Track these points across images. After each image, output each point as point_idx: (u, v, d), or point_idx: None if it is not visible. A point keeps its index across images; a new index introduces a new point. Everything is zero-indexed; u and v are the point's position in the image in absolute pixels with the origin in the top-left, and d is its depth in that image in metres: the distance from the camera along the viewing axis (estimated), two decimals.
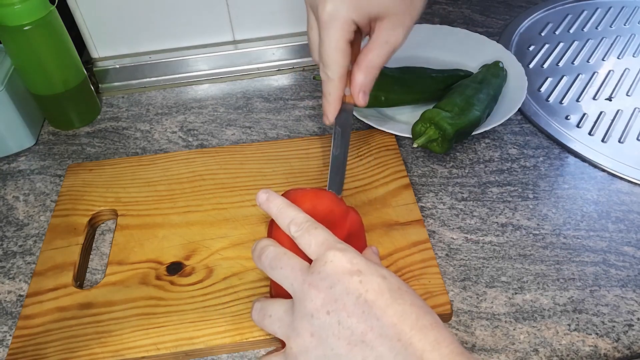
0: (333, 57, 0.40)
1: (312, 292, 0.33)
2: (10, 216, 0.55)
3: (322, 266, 0.33)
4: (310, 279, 0.33)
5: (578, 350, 0.42)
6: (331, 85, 0.42)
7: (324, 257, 0.34)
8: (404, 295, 0.33)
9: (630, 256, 0.49)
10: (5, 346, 0.45)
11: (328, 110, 0.44)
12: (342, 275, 0.33)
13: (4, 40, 0.57)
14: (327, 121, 0.44)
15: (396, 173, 0.55)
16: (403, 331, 0.31)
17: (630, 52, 0.74)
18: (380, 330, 0.31)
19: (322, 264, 0.33)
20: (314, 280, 0.33)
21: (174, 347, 0.42)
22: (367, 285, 0.32)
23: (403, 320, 0.31)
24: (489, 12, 0.81)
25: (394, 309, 0.32)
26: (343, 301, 0.32)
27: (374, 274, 0.33)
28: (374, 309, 0.31)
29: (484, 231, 0.51)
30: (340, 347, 0.31)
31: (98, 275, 0.49)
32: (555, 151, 0.59)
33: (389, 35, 0.41)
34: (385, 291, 0.32)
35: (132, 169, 0.57)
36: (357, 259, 0.33)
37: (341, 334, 0.31)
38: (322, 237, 0.35)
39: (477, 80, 0.61)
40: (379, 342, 0.31)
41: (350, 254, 0.34)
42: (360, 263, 0.33)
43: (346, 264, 0.33)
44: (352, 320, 0.31)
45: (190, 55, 0.70)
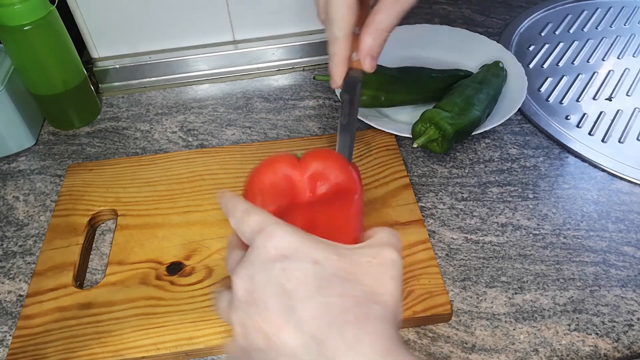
0: (339, 12, 0.38)
1: (237, 283, 0.30)
2: (10, 216, 0.55)
3: (250, 254, 0.31)
4: (237, 269, 0.31)
5: (578, 350, 0.42)
6: (336, 45, 0.40)
7: (253, 244, 0.31)
8: (335, 284, 0.29)
9: (630, 256, 0.49)
10: (5, 346, 0.45)
11: (334, 73, 0.41)
12: (265, 264, 0.30)
13: (4, 40, 0.57)
14: (334, 84, 0.42)
15: (396, 173, 0.55)
16: (319, 327, 0.28)
17: (630, 52, 0.74)
18: (296, 326, 0.28)
19: (250, 251, 0.31)
20: (240, 270, 0.31)
21: (174, 347, 0.42)
22: (290, 273, 0.29)
23: (321, 315, 0.28)
24: (489, 12, 0.81)
25: (315, 301, 0.28)
26: (262, 292, 0.29)
27: (303, 259, 0.30)
28: (293, 300, 0.28)
29: (484, 231, 0.51)
30: (259, 341, 0.29)
31: (98, 275, 0.49)
32: (555, 151, 0.59)
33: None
34: (309, 280, 0.29)
35: (132, 169, 0.57)
36: (284, 242, 0.30)
37: (260, 328, 0.29)
38: (254, 221, 0.32)
39: (477, 80, 0.61)
40: (292, 339, 0.28)
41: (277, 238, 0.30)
42: (288, 247, 0.30)
43: (270, 250, 0.30)
44: (269, 314, 0.29)
45: (190, 55, 0.70)
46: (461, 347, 0.43)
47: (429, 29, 0.74)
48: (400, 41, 0.71)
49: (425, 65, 0.65)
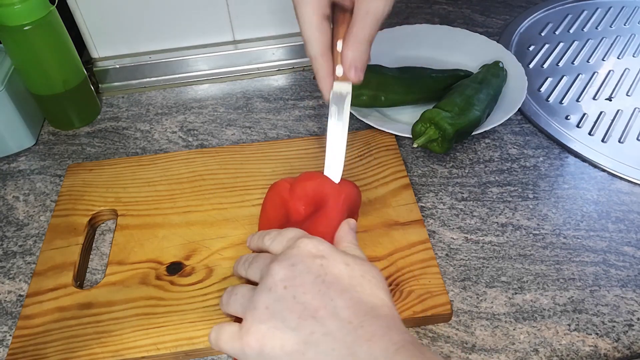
0: (309, 34, 0.40)
1: (274, 269, 0.34)
2: (10, 216, 0.55)
3: (290, 250, 0.35)
4: (276, 259, 0.35)
5: (578, 350, 0.42)
6: (316, 63, 0.42)
7: (292, 245, 0.36)
8: (364, 285, 0.34)
9: (630, 256, 0.49)
10: (5, 346, 0.45)
11: (321, 88, 0.43)
12: (306, 257, 0.34)
13: (4, 40, 0.57)
14: (325, 98, 0.44)
15: (396, 173, 0.55)
16: (356, 315, 0.32)
17: (630, 52, 0.74)
18: (334, 310, 0.32)
19: (290, 248, 0.35)
20: (279, 259, 0.35)
21: (174, 347, 0.42)
22: (328, 269, 0.34)
23: (358, 307, 0.32)
24: (489, 12, 0.81)
25: (350, 295, 0.33)
26: (302, 278, 0.33)
27: (338, 260, 0.34)
28: (331, 290, 0.33)
29: (484, 231, 0.51)
30: (291, 320, 0.32)
31: (98, 275, 0.49)
32: (555, 151, 0.59)
33: (368, 6, 0.39)
34: (345, 277, 0.33)
35: (132, 169, 0.57)
36: (323, 246, 0.35)
37: (294, 308, 0.32)
38: (292, 233, 0.37)
39: (477, 80, 0.61)
40: (330, 321, 0.31)
41: (317, 241, 0.35)
42: (326, 250, 0.35)
43: (312, 249, 0.35)
44: (307, 297, 0.32)
45: (190, 55, 0.70)
46: (461, 347, 0.43)
47: (429, 29, 0.74)
48: (400, 41, 0.71)
49: (425, 65, 0.65)
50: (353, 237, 0.40)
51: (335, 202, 0.41)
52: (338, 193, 0.42)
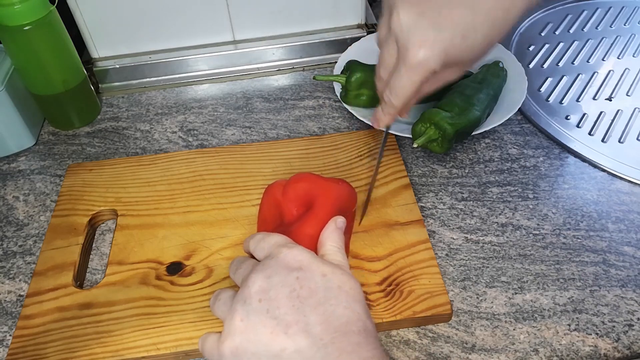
0: (405, 93, 0.41)
1: (251, 279, 0.34)
2: (10, 216, 0.55)
3: (269, 260, 0.35)
4: (255, 269, 0.35)
5: (578, 350, 0.42)
6: (391, 109, 0.44)
7: (272, 254, 0.36)
8: (341, 297, 0.34)
9: (630, 256, 0.49)
10: (5, 346, 0.45)
11: (381, 119, 0.46)
12: (282, 269, 0.34)
13: (4, 40, 0.57)
14: (377, 126, 0.47)
15: (396, 173, 0.55)
16: (327, 331, 0.32)
17: (630, 52, 0.74)
18: (305, 327, 0.32)
19: (269, 258, 0.36)
20: (256, 270, 0.35)
21: (174, 347, 0.42)
22: (304, 282, 0.34)
23: (330, 321, 0.32)
24: None
25: (324, 309, 0.33)
26: (276, 292, 0.33)
27: (315, 272, 0.34)
28: (305, 305, 0.33)
29: (484, 231, 0.51)
30: (264, 335, 0.32)
31: (98, 275, 0.49)
32: (555, 151, 0.59)
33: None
34: (320, 290, 0.33)
35: (132, 169, 0.57)
36: (303, 256, 0.35)
37: (267, 323, 0.32)
38: (274, 239, 0.37)
39: (477, 80, 0.61)
40: (300, 337, 0.32)
41: (296, 252, 0.35)
42: (304, 261, 0.35)
43: (290, 260, 0.35)
44: (281, 312, 0.32)
45: (190, 55, 0.70)
46: (461, 347, 0.43)
47: None
48: None
49: None
50: (338, 237, 0.39)
51: (324, 202, 0.41)
52: (328, 193, 0.42)
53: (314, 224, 0.40)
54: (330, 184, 0.43)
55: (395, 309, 0.43)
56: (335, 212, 0.41)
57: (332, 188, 0.42)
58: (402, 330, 0.44)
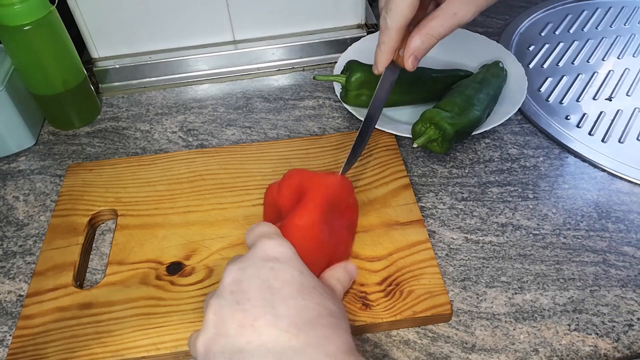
0: (400, 7, 0.39)
1: (226, 271, 0.34)
2: (10, 216, 0.55)
3: (250, 251, 0.35)
4: (232, 261, 0.34)
5: (578, 350, 0.42)
6: (387, 35, 0.41)
7: (254, 244, 0.35)
8: (313, 293, 0.33)
9: (630, 256, 0.49)
10: (5, 346, 0.45)
11: (379, 60, 0.43)
12: (257, 260, 0.33)
13: (4, 40, 0.57)
14: (376, 71, 0.44)
15: (396, 173, 0.55)
16: (295, 324, 0.31)
17: (630, 52, 0.74)
18: (273, 320, 0.31)
19: (250, 249, 0.35)
20: (232, 263, 0.34)
21: (174, 347, 0.42)
22: (278, 274, 0.33)
23: (300, 315, 0.31)
24: (489, 12, 0.81)
25: (295, 302, 0.32)
26: (249, 283, 0.32)
27: (293, 266, 0.33)
28: (275, 297, 0.32)
29: (484, 231, 0.51)
30: (231, 328, 0.31)
31: (98, 275, 0.49)
32: (555, 151, 0.59)
33: (460, 8, 0.40)
34: (295, 283, 0.32)
35: (132, 169, 0.57)
36: (283, 248, 0.34)
37: (235, 316, 0.31)
38: (259, 230, 0.36)
39: (477, 80, 0.61)
40: (266, 330, 0.31)
41: (276, 242, 0.34)
42: (284, 253, 0.34)
43: (268, 251, 0.34)
44: (250, 304, 0.31)
45: (190, 55, 0.70)
46: (461, 347, 0.43)
47: None
48: None
49: (425, 65, 0.65)
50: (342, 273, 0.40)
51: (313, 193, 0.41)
52: (317, 185, 0.42)
53: (302, 215, 0.40)
54: (320, 175, 0.43)
55: (395, 309, 0.43)
56: (325, 202, 0.41)
57: (321, 179, 0.42)
58: (402, 330, 0.44)
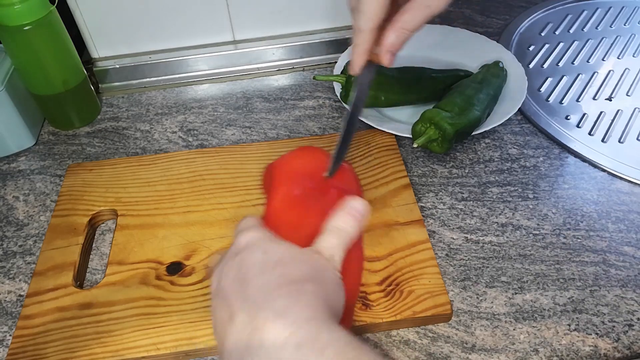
0: (371, 8, 0.39)
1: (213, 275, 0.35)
2: (10, 216, 0.55)
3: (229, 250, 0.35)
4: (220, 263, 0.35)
5: (578, 350, 0.42)
6: (361, 37, 0.41)
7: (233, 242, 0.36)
8: (276, 267, 0.33)
9: (630, 256, 0.49)
10: (5, 346, 0.45)
11: (354, 61, 0.43)
12: (231, 254, 0.34)
13: (4, 40, 0.57)
14: (353, 72, 0.44)
15: (396, 173, 0.55)
16: (256, 302, 0.31)
17: (630, 52, 0.74)
18: (242, 304, 0.31)
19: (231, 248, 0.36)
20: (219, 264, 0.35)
21: (174, 347, 0.42)
22: (244, 262, 0.33)
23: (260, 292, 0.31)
24: (489, 12, 0.81)
25: (259, 280, 0.32)
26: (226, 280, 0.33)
27: (257, 249, 0.34)
28: (244, 283, 0.32)
29: (484, 231, 0.51)
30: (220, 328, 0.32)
31: (98, 275, 0.49)
32: (555, 151, 0.59)
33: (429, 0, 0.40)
34: (257, 264, 0.33)
35: (132, 169, 0.57)
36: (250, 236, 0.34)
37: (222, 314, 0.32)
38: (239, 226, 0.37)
39: (477, 80, 0.61)
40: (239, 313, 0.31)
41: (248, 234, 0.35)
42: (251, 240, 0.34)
43: (237, 244, 0.35)
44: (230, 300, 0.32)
45: (190, 55, 0.70)
46: (461, 347, 0.43)
47: (429, 29, 0.73)
48: None
49: (425, 65, 0.65)
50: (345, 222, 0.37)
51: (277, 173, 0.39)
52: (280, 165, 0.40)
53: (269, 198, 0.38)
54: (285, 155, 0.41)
55: (395, 309, 0.43)
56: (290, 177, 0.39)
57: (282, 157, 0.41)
58: (402, 330, 0.44)
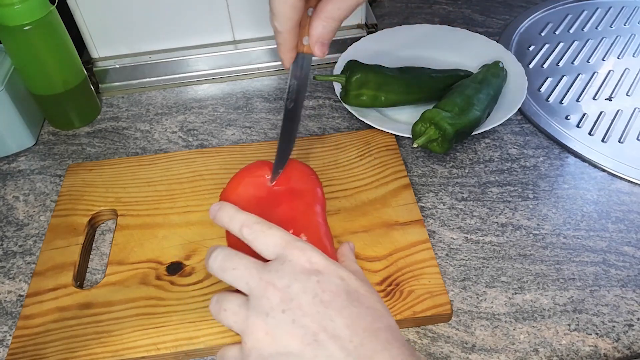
0: (282, 10, 0.38)
1: (269, 291, 0.33)
2: (10, 216, 0.55)
3: (280, 265, 0.34)
4: (268, 277, 0.33)
5: (578, 350, 0.42)
6: (281, 37, 0.40)
7: (283, 256, 0.34)
8: (361, 298, 0.33)
9: (630, 256, 0.49)
10: (5, 346, 0.45)
11: (283, 58, 0.42)
12: (300, 275, 0.33)
13: (4, 40, 0.57)
14: (285, 67, 0.43)
15: (396, 173, 0.55)
16: (356, 333, 0.31)
17: (630, 52, 0.74)
18: (334, 332, 0.31)
19: (280, 263, 0.34)
20: (272, 279, 0.33)
21: (174, 347, 0.42)
22: (324, 286, 0.33)
23: (357, 323, 0.32)
24: (489, 12, 0.81)
25: (349, 311, 0.32)
26: (299, 300, 0.32)
27: (333, 274, 0.34)
28: (329, 309, 0.32)
29: (484, 231, 0.51)
30: (293, 346, 0.31)
31: (98, 275, 0.49)
32: (555, 151, 0.59)
33: None
34: (342, 293, 0.33)
35: (132, 169, 0.57)
36: (316, 258, 0.34)
37: (295, 333, 0.32)
38: (278, 235, 0.35)
39: (477, 80, 0.61)
40: (331, 342, 0.31)
41: (309, 253, 0.34)
42: (319, 262, 0.34)
43: (304, 263, 0.33)
44: (307, 320, 0.32)
45: (190, 55, 0.70)
46: (461, 347, 0.43)
47: (429, 29, 0.74)
48: (400, 41, 0.71)
49: (425, 65, 0.65)
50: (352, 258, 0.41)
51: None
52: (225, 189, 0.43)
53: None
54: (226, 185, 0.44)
55: (396, 309, 0.43)
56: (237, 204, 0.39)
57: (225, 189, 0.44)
58: (402, 330, 0.44)
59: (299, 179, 0.44)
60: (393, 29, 0.73)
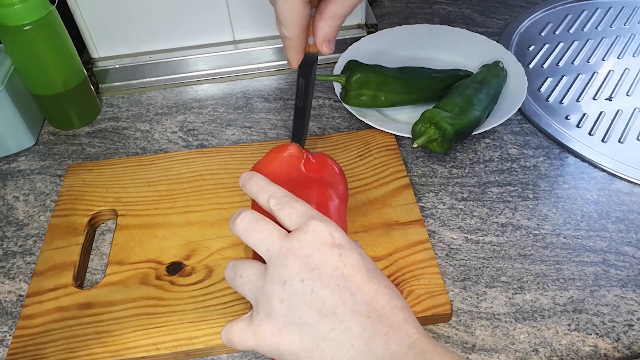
0: (288, 18, 0.39)
1: (289, 259, 0.33)
2: (10, 216, 0.55)
3: (303, 234, 0.33)
4: (289, 246, 0.33)
5: (578, 350, 0.42)
6: (289, 42, 0.41)
7: (305, 227, 0.34)
8: (380, 277, 0.33)
9: (630, 256, 0.49)
10: (5, 346, 0.45)
11: (291, 60, 0.43)
12: (322, 246, 0.33)
13: (4, 40, 0.57)
14: (292, 67, 0.44)
15: (396, 173, 0.55)
16: (374, 309, 0.31)
17: (630, 52, 0.74)
18: (353, 306, 0.31)
19: (302, 232, 0.33)
20: (293, 248, 0.33)
21: (174, 347, 0.42)
22: (346, 260, 0.33)
23: (376, 299, 0.32)
24: (489, 12, 0.81)
25: (368, 287, 0.32)
26: (319, 271, 0.32)
27: (354, 250, 0.34)
28: (349, 283, 0.32)
29: (484, 231, 0.51)
30: (310, 316, 0.31)
31: (98, 275, 0.49)
32: (555, 151, 0.59)
33: None
34: (362, 269, 0.33)
35: (132, 169, 0.57)
36: (338, 233, 0.34)
37: (312, 303, 0.31)
38: (303, 209, 0.35)
39: (477, 80, 0.61)
40: (349, 316, 0.31)
41: (331, 227, 0.34)
42: (341, 237, 0.34)
43: (327, 236, 0.33)
44: (326, 292, 0.31)
45: (190, 55, 0.70)
46: (461, 347, 0.43)
47: (429, 29, 0.73)
48: (400, 41, 0.71)
49: (425, 65, 0.65)
50: None
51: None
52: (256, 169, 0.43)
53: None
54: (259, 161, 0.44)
55: None
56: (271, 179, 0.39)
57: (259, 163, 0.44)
58: None
59: (330, 172, 0.44)
60: (393, 29, 0.73)
